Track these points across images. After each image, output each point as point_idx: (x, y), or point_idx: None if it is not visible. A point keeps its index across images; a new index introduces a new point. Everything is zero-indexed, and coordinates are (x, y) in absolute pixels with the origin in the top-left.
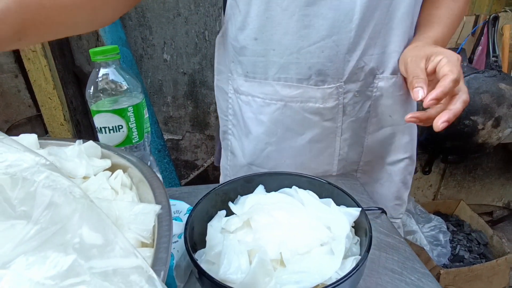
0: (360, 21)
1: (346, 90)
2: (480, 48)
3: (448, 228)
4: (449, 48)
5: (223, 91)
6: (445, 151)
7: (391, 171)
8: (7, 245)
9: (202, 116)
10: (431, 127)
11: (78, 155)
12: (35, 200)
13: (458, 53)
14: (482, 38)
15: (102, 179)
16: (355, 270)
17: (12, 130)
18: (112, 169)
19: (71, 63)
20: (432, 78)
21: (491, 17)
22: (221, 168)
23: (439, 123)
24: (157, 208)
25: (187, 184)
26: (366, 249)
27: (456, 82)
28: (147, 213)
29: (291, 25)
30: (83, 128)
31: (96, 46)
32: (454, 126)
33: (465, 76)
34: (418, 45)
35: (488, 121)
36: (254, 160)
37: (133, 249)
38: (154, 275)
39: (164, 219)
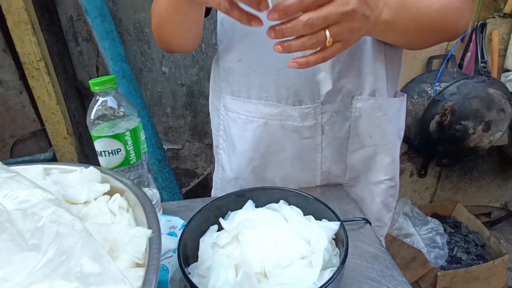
0: None
1: (324, 111)
2: (469, 54)
3: (445, 230)
4: (439, 55)
5: (216, 108)
6: (438, 155)
7: (373, 191)
8: (21, 275)
9: (201, 126)
10: (424, 132)
11: (80, 182)
12: (43, 233)
13: (448, 59)
14: (471, 44)
15: (102, 203)
16: (329, 282)
17: (18, 144)
18: (111, 192)
19: (73, 78)
20: None
21: (479, 24)
22: (213, 181)
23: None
24: (149, 232)
25: (188, 191)
26: (341, 261)
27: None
28: (140, 236)
29: (270, 48)
30: (85, 141)
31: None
32: (446, 131)
33: (455, 82)
34: None
35: (478, 125)
36: (240, 174)
37: (123, 277)
38: None
39: (154, 243)
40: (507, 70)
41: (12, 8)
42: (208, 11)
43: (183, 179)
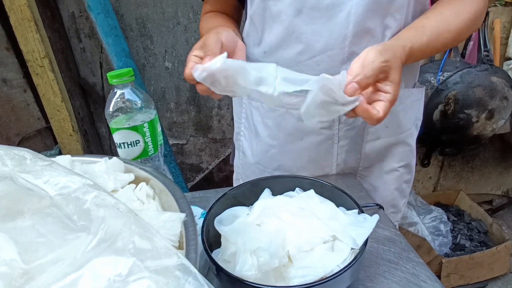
0: (352, 39)
1: None
2: (471, 43)
3: (448, 218)
4: None
5: (239, 97)
6: (442, 144)
7: (387, 180)
8: (78, 252)
9: (205, 120)
10: (428, 122)
11: (106, 171)
12: (90, 215)
13: (450, 49)
14: (473, 33)
15: (129, 191)
16: (352, 264)
17: (23, 142)
18: (135, 181)
19: (76, 75)
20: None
21: None
22: (234, 166)
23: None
24: (182, 216)
25: (193, 186)
26: (364, 243)
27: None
28: (173, 220)
29: (292, 41)
30: (90, 138)
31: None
32: (449, 120)
33: (458, 71)
34: (399, 56)
35: (481, 113)
36: (260, 159)
37: (175, 251)
38: (195, 270)
39: (189, 225)
40: (509, 58)
41: (15, 6)
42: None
43: (188, 174)
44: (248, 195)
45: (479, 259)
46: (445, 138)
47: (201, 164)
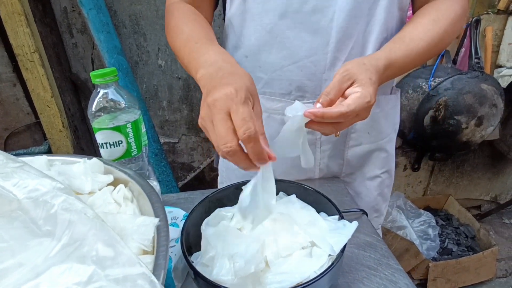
0: (336, 45)
1: None
2: (463, 49)
3: (437, 223)
4: None
5: None
6: (432, 149)
7: (370, 186)
8: (39, 258)
9: (197, 119)
10: (418, 127)
11: (84, 173)
12: (56, 220)
13: (443, 55)
14: (465, 40)
15: (107, 194)
16: (329, 269)
17: (12, 137)
18: (114, 183)
19: (68, 71)
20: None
21: (473, 20)
22: (219, 170)
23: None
24: (156, 221)
25: (184, 185)
26: (340, 250)
27: (343, 116)
28: (147, 225)
29: (275, 45)
30: (81, 134)
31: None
32: (439, 125)
33: (449, 78)
34: (365, 63)
35: (471, 120)
36: None
37: (138, 260)
38: (155, 280)
39: (162, 230)
40: (500, 66)
41: None
42: (216, 3)
43: (180, 172)
44: (232, 198)
45: (465, 263)
46: (435, 143)
47: (193, 163)
